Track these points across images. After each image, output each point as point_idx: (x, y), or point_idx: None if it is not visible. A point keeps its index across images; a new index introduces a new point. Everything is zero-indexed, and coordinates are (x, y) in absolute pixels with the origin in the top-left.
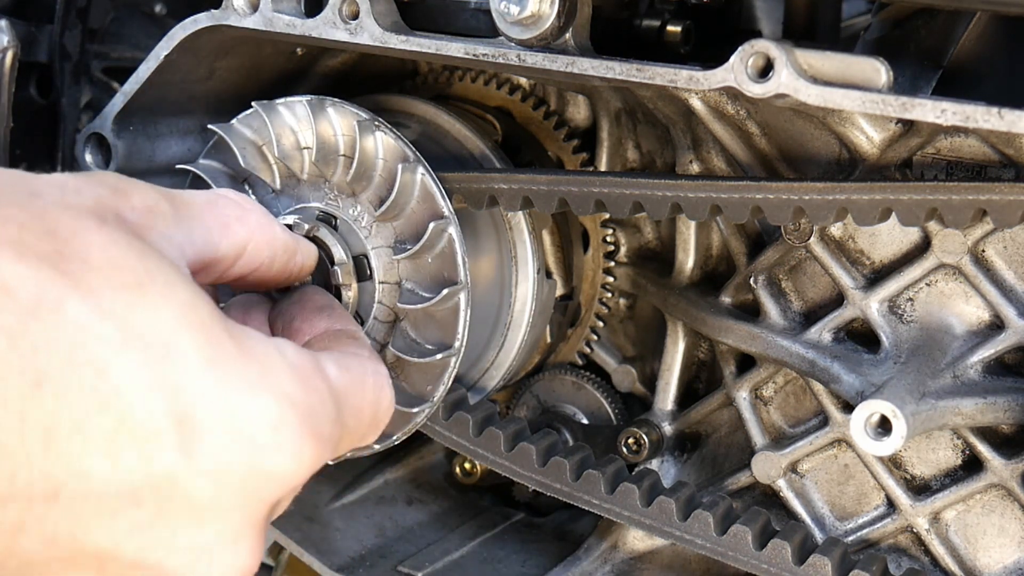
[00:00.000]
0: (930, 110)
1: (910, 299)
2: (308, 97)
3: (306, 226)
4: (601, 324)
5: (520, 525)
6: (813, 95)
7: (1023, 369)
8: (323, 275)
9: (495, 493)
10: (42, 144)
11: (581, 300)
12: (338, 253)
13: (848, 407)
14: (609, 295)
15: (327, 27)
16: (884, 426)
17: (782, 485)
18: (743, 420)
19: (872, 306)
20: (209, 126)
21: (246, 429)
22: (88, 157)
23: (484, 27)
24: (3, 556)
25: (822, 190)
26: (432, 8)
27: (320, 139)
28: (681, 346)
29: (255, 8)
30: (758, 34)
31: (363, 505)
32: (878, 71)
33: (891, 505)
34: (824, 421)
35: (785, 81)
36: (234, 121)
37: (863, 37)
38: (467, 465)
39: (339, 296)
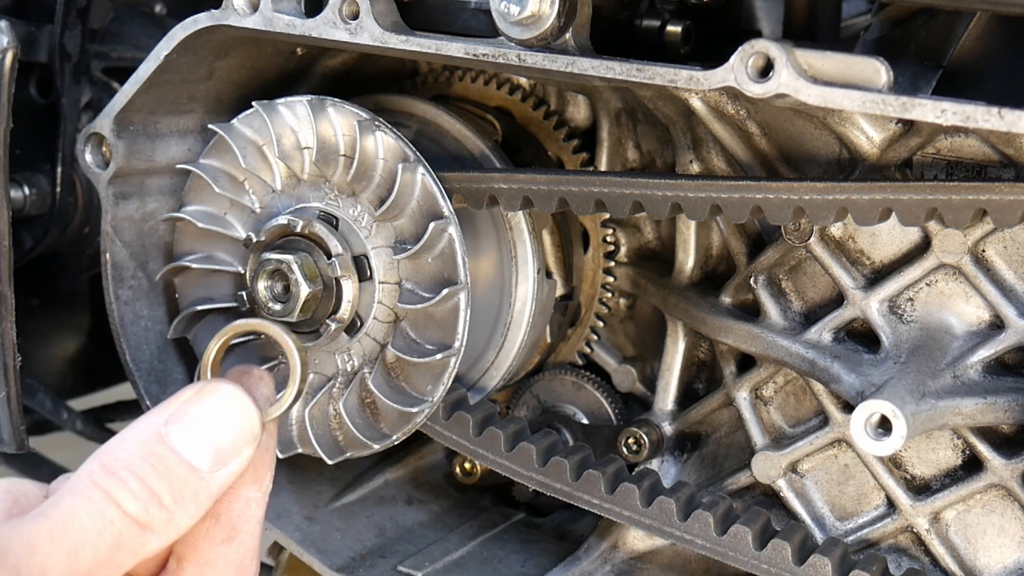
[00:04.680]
0: (930, 110)
1: (910, 299)
2: (308, 97)
3: (300, 223)
4: (601, 324)
5: (520, 525)
6: (813, 95)
7: (1023, 369)
8: None
9: (495, 493)
10: (42, 144)
11: (581, 300)
12: (335, 246)
13: (848, 407)
14: (609, 295)
15: (327, 27)
16: (884, 426)
17: (782, 485)
18: (743, 420)
19: (872, 306)
20: (210, 126)
21: None
22: (88, 157)
23: (484, 27)
24: None
25: (822, 190)
26: (432, 8)
27: (320, 139)
28: (681, 346)
29: (255, 8)
30: (758, 34)
31: (363, 505)
32: (878, 71)
33: (891, 505)
34: (824, 421)
35: (785, 81)
36: (235, 121)
37: (863, 37)
38: (467, 465)
39: (338, 290)
